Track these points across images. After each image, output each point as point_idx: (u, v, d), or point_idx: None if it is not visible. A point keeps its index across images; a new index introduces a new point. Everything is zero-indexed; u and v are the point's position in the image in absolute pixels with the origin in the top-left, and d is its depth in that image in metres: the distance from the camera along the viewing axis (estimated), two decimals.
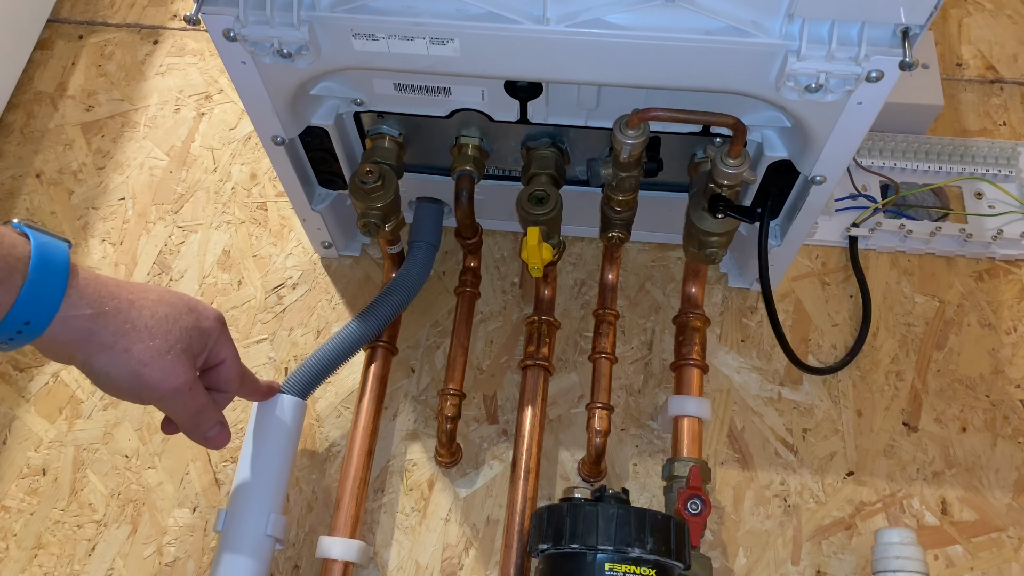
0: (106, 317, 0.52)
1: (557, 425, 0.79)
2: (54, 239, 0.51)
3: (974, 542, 0.74)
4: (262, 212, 0.91)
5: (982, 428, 0.78)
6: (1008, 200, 0.87)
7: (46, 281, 0.49)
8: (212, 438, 0.60)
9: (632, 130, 0.62)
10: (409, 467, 0.78)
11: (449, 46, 0.58)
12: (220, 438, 0.60)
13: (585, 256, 0.88)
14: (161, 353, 0.54)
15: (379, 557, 0.74)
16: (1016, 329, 0.83)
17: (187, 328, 0.56)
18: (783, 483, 0.76)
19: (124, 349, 0.52)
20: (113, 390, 0.55)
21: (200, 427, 0.59)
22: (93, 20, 1.06)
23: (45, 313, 0.49)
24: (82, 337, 0.51)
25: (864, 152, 0.89)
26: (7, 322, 0.48)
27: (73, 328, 0.51)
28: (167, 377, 0.54)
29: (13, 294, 0.47)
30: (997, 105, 0.96)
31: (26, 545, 0.75)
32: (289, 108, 0.66)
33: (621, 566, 0.56)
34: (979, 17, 1.03)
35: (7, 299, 0.47)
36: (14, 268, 0.48)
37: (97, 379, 0.54)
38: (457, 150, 0.73)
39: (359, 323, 0.72)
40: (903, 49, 0.53)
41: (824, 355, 0.82)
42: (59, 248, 0.50)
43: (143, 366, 0.53)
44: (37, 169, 0.95)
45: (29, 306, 0.48)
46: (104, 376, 0.53)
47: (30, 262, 0.48)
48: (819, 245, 0.87)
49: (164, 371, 0.54)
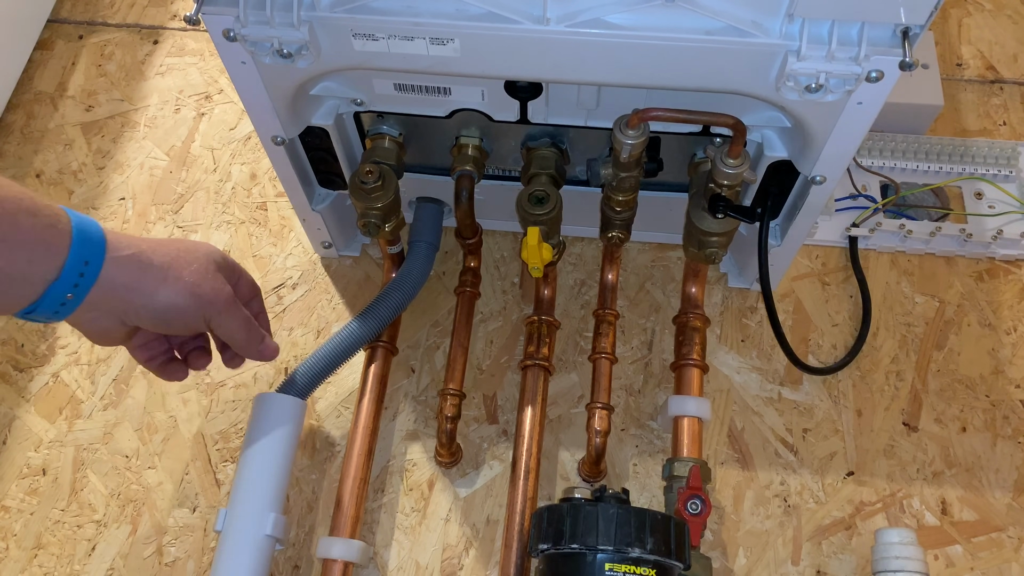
0: (147, 254, 0.57)
1: (557, 425, 0.79)
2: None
3: (974, 542, 0.74)
4: (262, 212, 0.91)
5: (982, 428, 0.78)
6: (1008, 200, 0.87)
7: (88, 227, 0.54)
8: (263, 349, 0.65)
9: (632, 130, 0.62)
10: (409, 467, 0.78)
11: (449, 46, 0.58)
12: (271, 348, 0.66)
13: (585, 256, 0.88)
14: (204, 274, 0.59)
15: (379, 557, 0.74)
16: (1016, 329, 0.83)
17: (208, 253, 0.61)
18: (783, 483, 0.76)
19: (176, 277, 0.58)
20: (180, 319, 0.59)
21: (253, 337, 0.64)
22: (93, 20, 1.06)
23: (97, 249, 0.54)
24: (135, 277, 0.56)
25: (864, 152, 0.89)
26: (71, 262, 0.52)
27: (124, 268, 0.55)
28: (219, 292, 0.60)
29: (67, 235, 0.52)
30: (997, 105, 0.96)
31: (26, 545, 0.75)
32: (289, 108, 0.66)
33: (621, 566, 0.56)
34: (979, 17, 1.03)
35: (63, 240, 0.52)
36: (59, 216, 0.52)
37: (164, 315, 0.58)
38: (457, 150, 0.73)
39: (359, 323, 0.72)
40: (903, 49, 0.53)
41: (824, 355, 0.82)
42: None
43: (197, 287, 0.58)
44: (37, 169, 0.95)
45: (84, 245, 0.53)
46: (170, 308, 0.57)
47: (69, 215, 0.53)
48: (819, 245, 0.87)
49: (215, 287, 0.60)
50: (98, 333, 0.60)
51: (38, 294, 0.52)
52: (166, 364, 0.67)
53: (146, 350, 0.66)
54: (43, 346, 0.84)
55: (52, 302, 0.53)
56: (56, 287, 0.52)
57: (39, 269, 0.51)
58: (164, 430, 0.79)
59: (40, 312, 0.54)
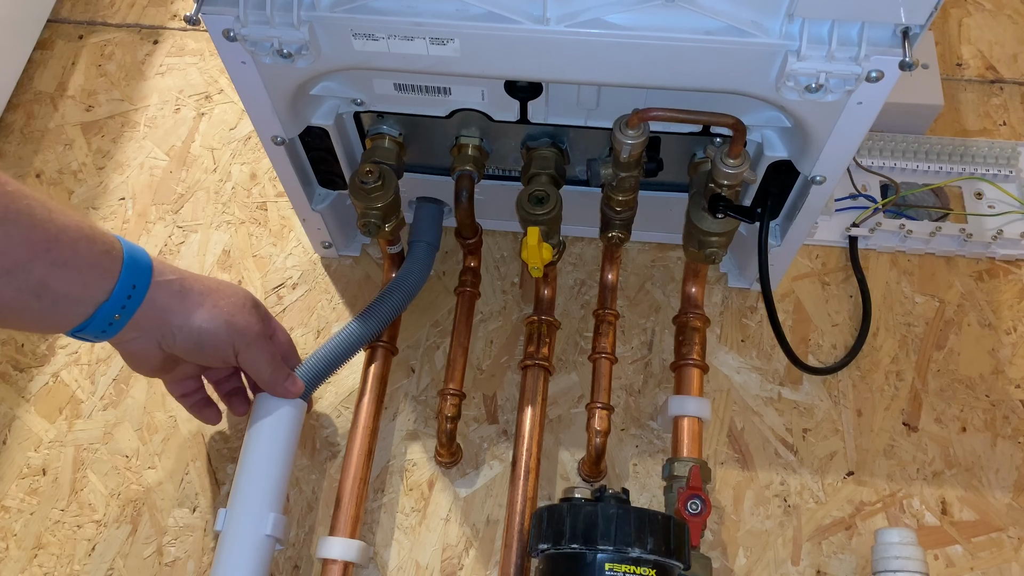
0: (188, 282, 0.62)
1: (557, 425, 0.79)
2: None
3: (974, 542, 0.74)
4: (262, 212, 0.91)
5: (982, 428, 0.78)
6: (1008, 200, 0.87)
7: (138, 254, 0.59)
8: (290, 386, 0.67)
9: (632, 130, 0.62)
10: (409, 467, 0.78)
11: (449, 46, 0.58)
12: (297, 385, 0.68)
13: (585, 256, 0.88)
14: (239, 307, 0.64)
15: (379, 557, 0.74)
16: (1016, 329, 0.83)
17: (245, 294, 0.66)
18: (783, 483, 0.76)
19: (213, 304, 0.62)
20: (212, 345, 0.63)
21: (279, 375, 0.67)
22: (93, 20, 1.06)
23: (144, 274, 0.59)
24: (177, 300, 0.61)
25: (864, 152, 0.89)
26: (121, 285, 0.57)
27: (167, 292, 0.60)
28: (251, 325, 0.64)
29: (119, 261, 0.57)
30: (997, 105, 0.96)
31: (26, 545, 0.75)
32: (289, 108, 0.66)
33: (621, 566, 0.56)
34: (979, 17, 1.03)
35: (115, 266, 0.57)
36: (113, 244, 0.58)
37: (198, 340, 0.62)
38: (457, 150, 0.73)
39: (360, 323, 0.72)
40: (903, 49, 0.53)
41: (824, 355, 0.82)
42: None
43: (232, 316, 0.63)
44: (37, 169, 0.95)
45: (133, 270, 0.57)
46: (204, 332, 0.62)
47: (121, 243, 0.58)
48: (819, 245, 0.87)
49: (247, 320, 0.64)
50: (137, 356, 0.64)
51: (88, 314, 0.57)
52: (201, 405, 0.73)
53: (181, 387, 0.71)
54: (43, 346, 0.84)
55: (101, 322, 0.57)
56: (105, 308, 0.57)
57: (92, 292, 0.56)
58: (164, 430, 0.79)
59: (90, 331, 0.58)
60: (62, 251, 0.54)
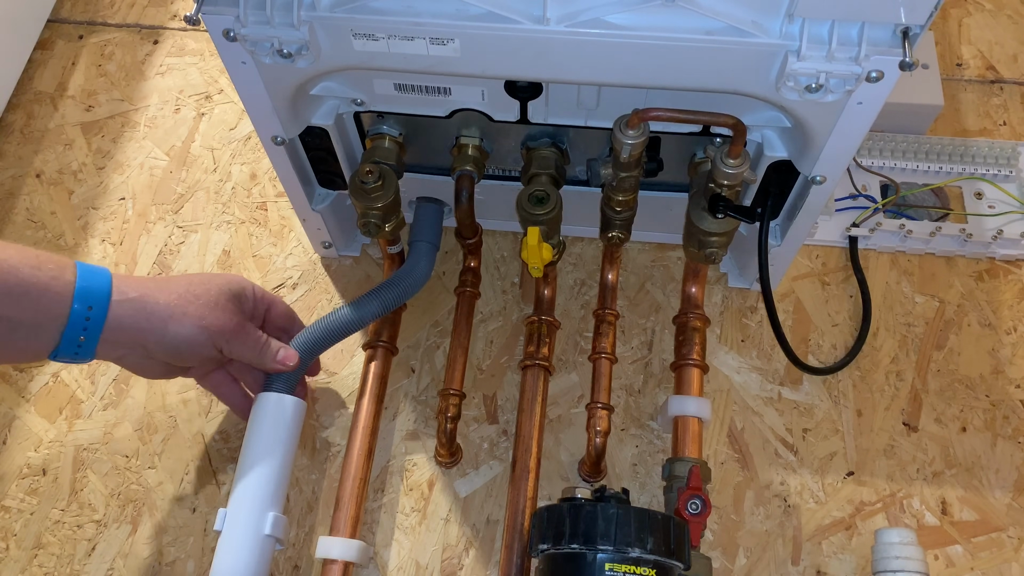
0: (152, 295, 0.62)
1: (557, 425, 0.79)
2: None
3: (974, 542, 0.74)
4: (262, 212, 0.91)
5: (982, 428, 0.78)
6: (1008, 200, 0.87)
7: (92, 273, 0.60)
8: (281, 359, 0.67)
9: (632, 130, 0.62)
10: (409, 467, 0.78)
11: (449, 46, 0.58)
12: (288, 356, 0.68)
13: (585, 256, 0.88)
14: (211, 307, 0.64)
15: (379, 557, 0.74)
16: (1016, 329, 0.83)
17: (221, 286, 0.65)
18: (783, 483, 0.76)
19: (183, 313, 0.62)
20: (191, 351, 0.63)
21: (266, 355, 0.67)
22: (93, 20, 1.06)
23: (102, 296, 0.59)
24: (143, 317, 0.61)
25: (864, 152, 0.89)
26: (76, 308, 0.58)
27: (131, 310, 0.60)
28: (226, 322, 0.64)
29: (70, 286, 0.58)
30: (997, 105, 0.96)
31: (26, 545, 0.75)
32: (289, 108, 0.66)
33: (621, 566, 0.56)
34: (979, 17, 1.03)
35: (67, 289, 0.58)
36: (65, 266, 0.59)
37: (176, 349, 0.63)
38: (457, 150, 0.73)
39: (361, 301, 0.72)
40: (903, 49, 0.53)
41: (824, 355, 0.82)
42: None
43: (202, 320, 0.63)
44: (37, 169, 0.95)
45: (87, 293, 0.58)
46: (182, 342, 0.62)
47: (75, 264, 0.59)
48: (819, 245, 0.87)
49: (221, 319, 0.64)
50: (138, 369, 0.66)
51: (55, 339, 0.58)
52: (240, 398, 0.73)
53: (209, 381, 0.72)
54: None
55: (70, 344, 0.59)
56: (68, 331, 0.58)
57: (47, 316, 0.57)
58: (164, 430, 0.79)
59: (62, 355, 0.60)
60: (5, 279, 0.55)
